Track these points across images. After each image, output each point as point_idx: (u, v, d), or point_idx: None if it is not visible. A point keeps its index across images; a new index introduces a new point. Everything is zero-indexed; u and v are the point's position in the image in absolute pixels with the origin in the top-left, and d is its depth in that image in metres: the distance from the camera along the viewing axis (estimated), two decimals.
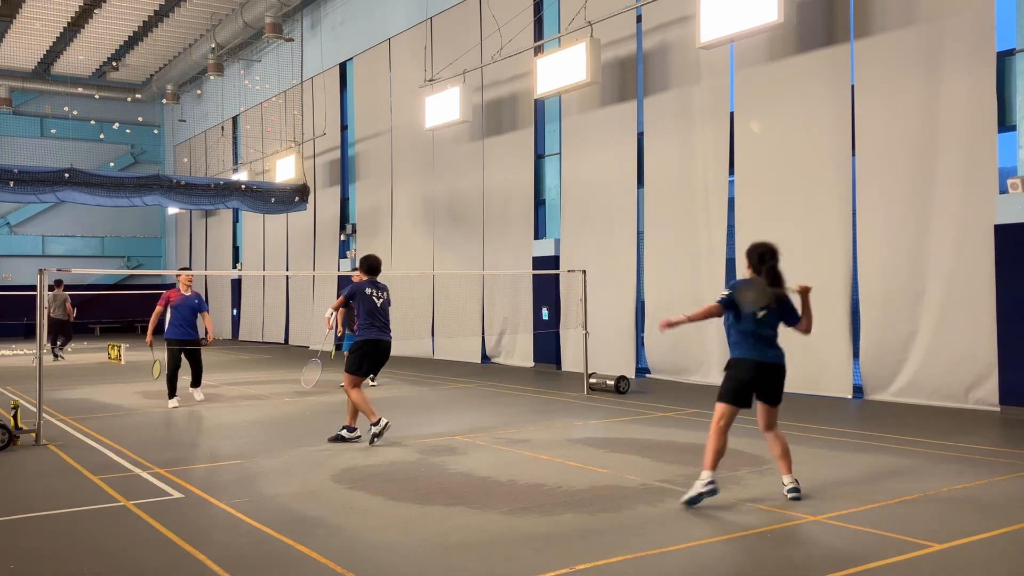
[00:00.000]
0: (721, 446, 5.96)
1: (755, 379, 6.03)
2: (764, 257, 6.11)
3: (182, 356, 11.37)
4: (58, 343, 20.30)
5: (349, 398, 8.56)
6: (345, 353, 14.20)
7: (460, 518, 5.73)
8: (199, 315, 11.50)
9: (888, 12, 11.22)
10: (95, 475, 7.20)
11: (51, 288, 20.21)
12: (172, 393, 11.46)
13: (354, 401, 8.50)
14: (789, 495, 6.03)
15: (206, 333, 11.78)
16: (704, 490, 5.85)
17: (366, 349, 8.55)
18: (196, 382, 11.96)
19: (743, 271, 6.45)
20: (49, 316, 20.05)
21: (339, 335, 14.29)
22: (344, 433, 8.66)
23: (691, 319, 6.15)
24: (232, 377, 15.71)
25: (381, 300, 8.61)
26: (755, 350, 6.06)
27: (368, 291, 8.56)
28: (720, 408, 6.01)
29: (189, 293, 11.44)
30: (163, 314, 11.43)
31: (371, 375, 8.81)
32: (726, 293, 6.07)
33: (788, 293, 6.14)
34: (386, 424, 8.46)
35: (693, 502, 5.87)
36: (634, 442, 8.49)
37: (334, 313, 9.53)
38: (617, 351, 14.83)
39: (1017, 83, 10.17)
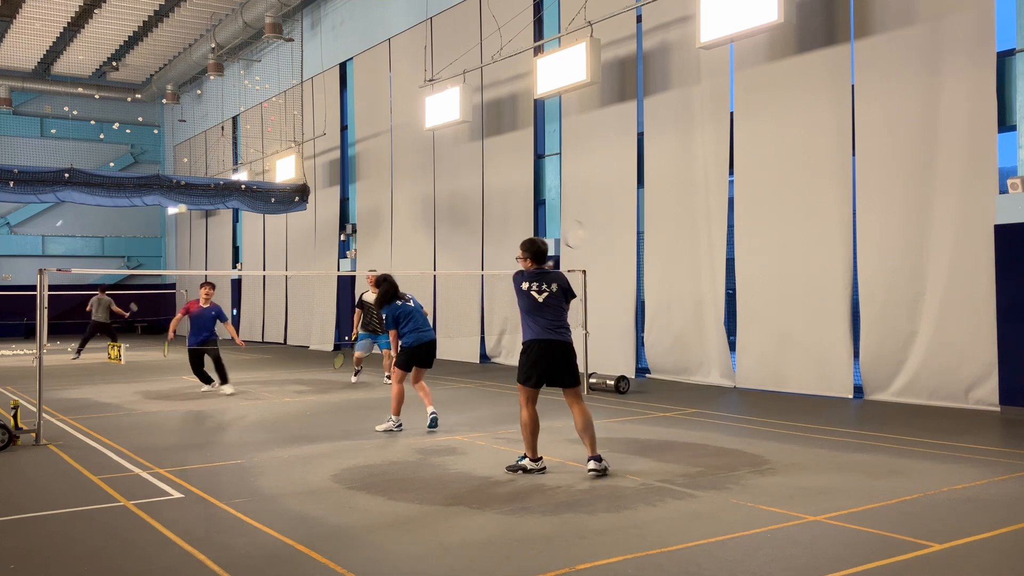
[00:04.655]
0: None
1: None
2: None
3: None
4: (88, 343, 21.03)
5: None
6: (335, 355, 14.19)
7: (460, 518, 5.73)
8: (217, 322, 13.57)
9: (888, 12, 11.22)
10: (95, 475, 7.20)
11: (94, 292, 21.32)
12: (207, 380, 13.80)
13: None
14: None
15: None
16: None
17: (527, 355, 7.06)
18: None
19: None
20: (91, 319, 20.72)
21: (352, 338, 14.25)
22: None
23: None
24: (232, 377, 15.69)
25: (544, 295, 6.98)
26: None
27: (525, 285, 7.05)
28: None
29: (207, 305, 13.28)
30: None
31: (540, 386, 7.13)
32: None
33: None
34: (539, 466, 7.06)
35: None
36: (634, 442, 8.48)
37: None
38: (617, 351, 14.83)
39: (1017, 83, 10.17)
